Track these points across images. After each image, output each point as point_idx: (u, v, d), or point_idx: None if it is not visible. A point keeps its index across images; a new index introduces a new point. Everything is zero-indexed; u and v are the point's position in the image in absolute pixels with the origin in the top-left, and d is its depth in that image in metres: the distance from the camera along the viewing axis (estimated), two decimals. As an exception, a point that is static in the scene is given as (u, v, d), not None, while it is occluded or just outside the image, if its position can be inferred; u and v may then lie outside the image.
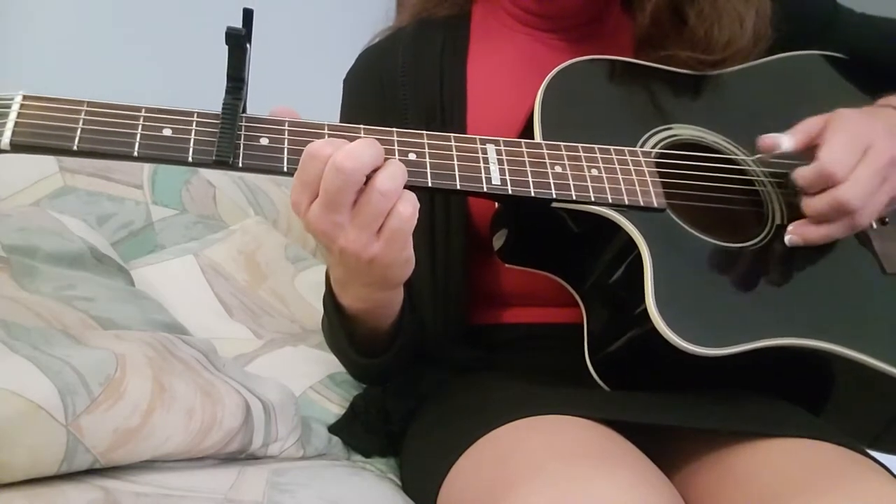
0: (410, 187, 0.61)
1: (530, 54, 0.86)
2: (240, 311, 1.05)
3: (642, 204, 0.69)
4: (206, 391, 0.71)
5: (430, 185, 0.63)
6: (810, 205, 0.71)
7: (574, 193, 0.67)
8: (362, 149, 0.58)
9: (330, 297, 0.75)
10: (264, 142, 0.60)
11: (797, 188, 0.72)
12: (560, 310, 0.81)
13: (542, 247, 0.77)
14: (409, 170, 0.61)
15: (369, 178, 0.59)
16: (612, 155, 0.70)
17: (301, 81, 1.32)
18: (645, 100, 0.79)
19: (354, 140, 0.59)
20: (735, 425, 0.67)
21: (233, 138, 0.58)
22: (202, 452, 0.70)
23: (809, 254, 0.73)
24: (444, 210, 0.82)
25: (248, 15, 0.59)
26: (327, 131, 0.62)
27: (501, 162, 0.66)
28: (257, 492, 0.66)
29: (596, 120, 0.76)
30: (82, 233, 0.98)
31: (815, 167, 0.70)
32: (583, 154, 0.69)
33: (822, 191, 0.70)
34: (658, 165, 0.72)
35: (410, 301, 0.76)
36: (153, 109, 0.58)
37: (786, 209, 0.76)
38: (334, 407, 0.88)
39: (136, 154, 0.57)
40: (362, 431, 0.84)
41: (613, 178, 0.69)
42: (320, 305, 0.87)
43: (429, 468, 0.70)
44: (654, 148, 0.74)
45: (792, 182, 0.72)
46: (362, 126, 0.63)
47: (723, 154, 0.78)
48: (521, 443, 0.62)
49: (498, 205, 0.77)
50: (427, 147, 0.64)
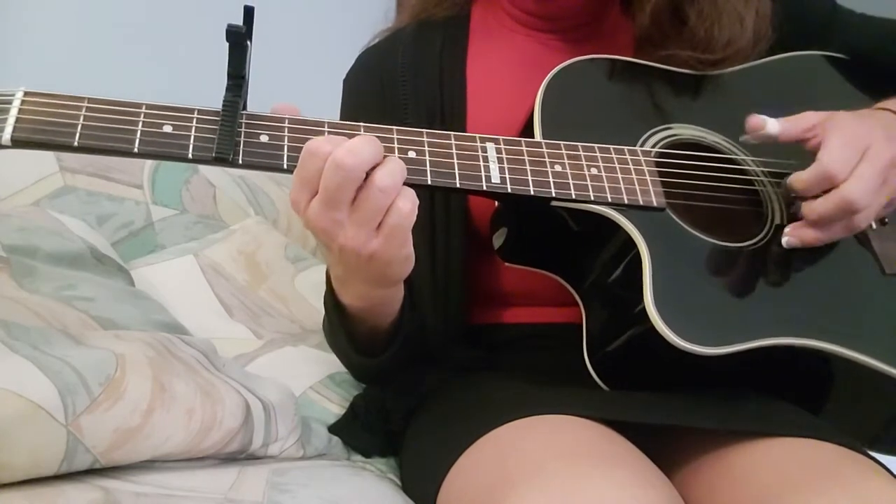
0: (410, 185, 0.61)
1: (530, 55, 0.86)
2: (240, 311, 1.05)
3: (642, 203, 0.69)
4: (206, 391, 0.71)
5: (430, 183, 0.63)
6: (814, 208, 0.70)
7: (573, 192, 0.67)
8: (362, 145, 0.58)
9: (330, 295, 0.75)
10: (264, 139, 0.60)
11: (794, 193, 0.71)
12: (560, 309, 0.81)
13: (542, 246, 0.77)
14: (408, 168, 0.61)
15: (368, 175, 0.59)
16: (611, 154, 0.70)
17: (301, 82, 1.32)
18: (645, 99, 0.79)
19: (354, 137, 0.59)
20: (734, 425, 0.67)
21: (233, 135, 0.58)
22: (202, 452, 0.70)
23: (809, 254, 0.73)
24: (444, 209, 0.82)
25: (249, 13, 0.59)
26: (327, 129, 0.62)
27: (501, 160, 0.66)
28: (257, 492, 0.67)
29: (596, 119, 0.76)
30: (82, 233, 0.98)
31: (814, 169, 0.69)
32: (582, 153, 0.69)
33: (822, 193, 0.69)
34: (658, 165, 0.72)
35: (411, 300, 0.77)
36: (154, 106, 0.58)
37: (785, 209, 0.76)
38: (334, 407, 0.88)
39: (136, 150, 0.57)
40: (362, 431, 0.84)
41: (613, 177, 0.69)
42: (320, 305, 0.87)
43: (429, 468, 0.70)
44: (653, 147, 0.75)
45: (788, 188, 0.71)
46: (362, 124, 0.63)
47: (723, 154, 0.78)
48: (520, 442, 0.62)
49: (498, 203, 0.77)
50: (427, 145, 0.64)
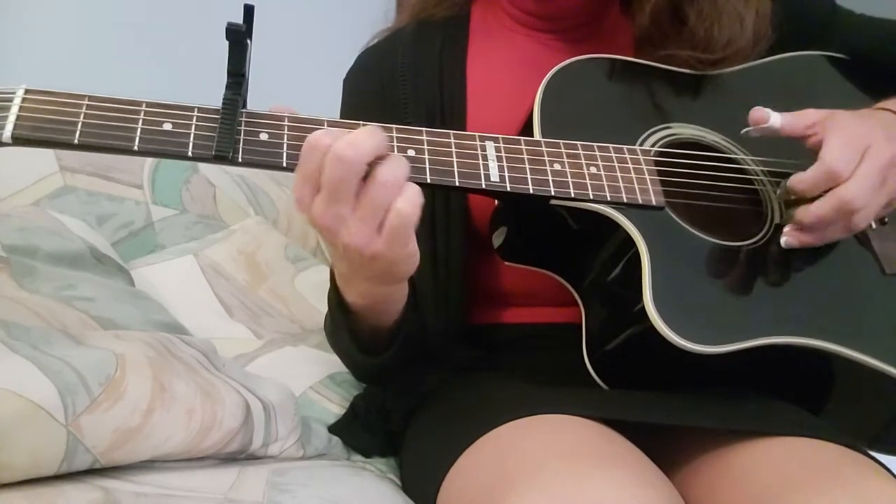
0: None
1: (529, 55, 0.86)
2: (240, 311, 1.05)
3: (641, 202, 0.69)
4: (206, 391, 0.71)
5: (429, 181, 0.63)
6: (811, 211, 0.70)
7: (572, 191, 0.67)
8: (363, 137, 0.58)
9: (334, 293, 0.74)
10: (264, 137, 0.60)
11: (796, 194, 0.71)
12: (560, 309, 0.81)
13: (542, 244, 0.77)
14: None
15: (371, 170, 0.58)
16: (611, 153, 0.70)
17: (301, 81, 1.33)
18: (644, 99, 0.79)
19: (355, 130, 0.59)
20: (734, 424, 0.67)
21: (233, 133, 0.58)
22: (202, 452, 0.70)
23: (809, 253, 0.73)
24: (444, 208, 0.82)
25: (249, 11, 0.59)
26: (327, 127, 0.62)
27: (500, 159, 0.66)
28: (257, 492, 0.67)
29: (595, 118, 0.76)
30: (82, 233, 0.98)
31: (816, 169, 0.69)
32: (582, 152, 0.69)
33: (823, 194, 0.69)
34: (657, 164, 0.72)
35: (414, 299, 0.76)
36: (154, 104, 0.58)
37: (785, 209, 0.76)
38: (334, 407, 0.88)
39: (136, 148, 0.57)
40: (362, 431, 0.84)
41: (612, 176, 0.69)
42: (320, 305, 0.87)
43: (429, 468, 0.70)
44: (653, 147, 0.75)
45: (789, 190, 0.71)
46: (362, 122, 0.63)
47: (722, 153, 0.78)
48: (521, 442, 0.62)
49: (497, 202, 0.77)
50: (426, 144, 0.64)
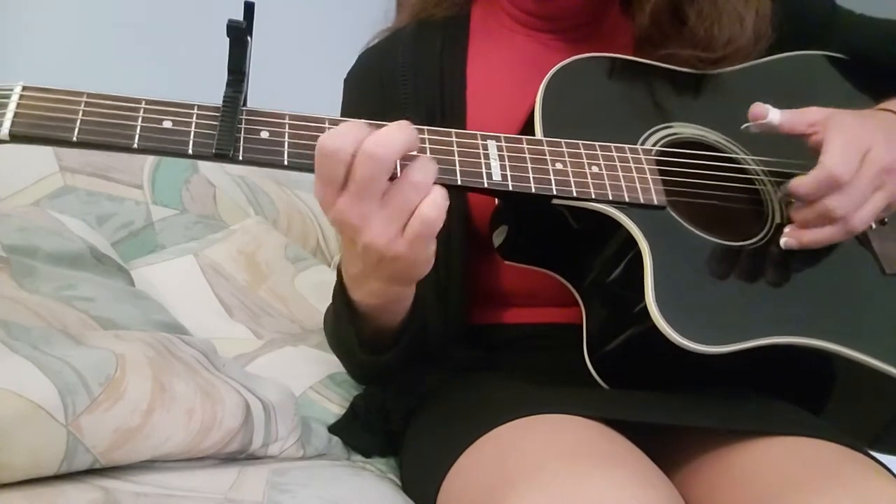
0: None
1: (530, 55, 0.86)
2: (240, 311, 1.05)
3: (643, 201, 0.69)
4: (206, 391, 0.71)
5: None
6: (800, 214, 0.71)
7: (575, 190, 0.66)
8: (394, 133, 0.57)
9: (341, 291, 0.74)
10: (265, 135, 0.60)
11: (796, 198, 0.71)
12: (560, 310, 0.81)
13: (542, 244, 0.76)
14: None
15: (400, 170, 0.58)
16: (612, 152, 0.70)
17: (301, 81, 1.33)
18: (645, 98, 0.79)
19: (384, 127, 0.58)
20: (735, 424, 0.67)
21: (233, 131, 0.58)
22: (202, 452, 0.70)
23: (809, 253, 0.73)
24: None
25: (250, 8, 0.58)
26: (328, 126, 0.61)
27: (502, 158, 0.65)
28: (257, 492, 0.66)
29: (597, 117, 0.76)
30: (82, 233, 0.98)
31: (817, 173, 0.69)
32: (584, 151, 0.68)
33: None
34: (659, 163, 0.72)
35: (418, 299, 0.76)
36: (153, 101, 0.58)
37: (786, 209, 0.76)
38: (334, 407, 0.88)
39: (135, 146, 0.56)
40: (362, 431, 0.84)
41: (614, 175, 0.68)
42: (320, 305, 0.86)
43: (429, 467, 0.70)
44: (654, 146, 0.74)
45: (791, 193, 0.71)
46: (367, 122, 0.62)
47: (723, 153, 0.78)
48: (521, 442, 0.62)
49: (498, 201, 0.77)
50: (428, 142, 0.63)
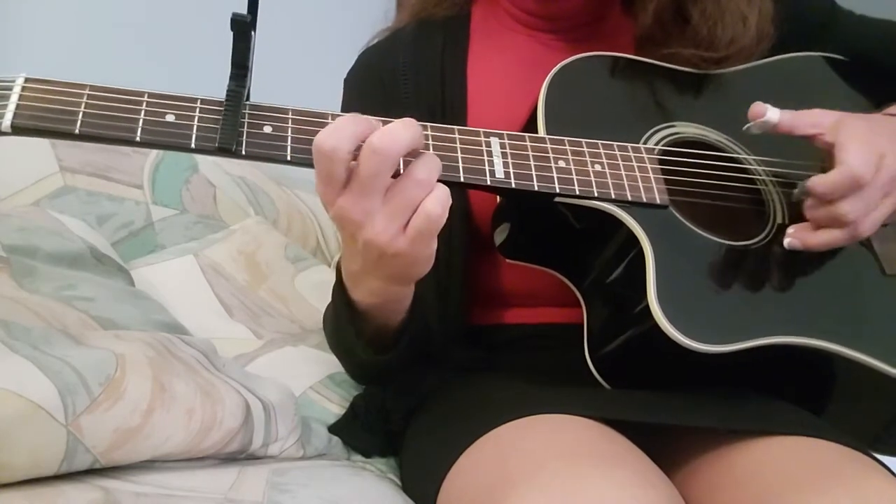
0: None
1: (531, 55, 0.86)
2: (240, 311, 1.05)
3: (645, 200, 0.68)
4: (206, 391, 0.71)
5: None
6: (813, 214, 0.70)
7: (577, 188, 0.66)
8: (399, 129, 0.57)
9: (340, 290, 0.73)
10: (268, 130, 0.59)
11: (815, 197, 0.69)
12: (560, 310, 0.81)
13: (544, 242, 0.76)
14: None
15: (404, 167, 0.58)
16: (615, 151, 0.69)
17: (301, 81, 1.32)
18: (648, 97, 0.79)
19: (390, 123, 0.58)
20: (735, 424, 0.67)
21: (236, 125, 0.58)
22: (202, 452, 0.70)
23: (811, 254, 0.73)
24: None
25: (254, 2, 0.58)
26: (331, 121, 0.61)
27: (505, 155, 0.65)
28: (257, 492, 0.66)
29: (599, 116, 0.76)
30: (82, 233, 0.98)
31: (839, 172, 0.67)
32: (586, 149, 0.68)
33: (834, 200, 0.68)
34: (661, 162, 0.72)
35: (418, 298, 0.76)
36: (156, 95, 0.58)
37: (787, 209, 0.76)
38: (334, 407, 0.88)
39: (138, 139, 0.56)
40: (362, 431, 0.83)
41: (616, 173, 0.68)
42: (320, 305, 0.86)
43: (429, 467, 0.70)
44: (657, 145, 0.74)
45: (809, 191, 0.69)
46: (374, 119, 0.62)
47: (725, 153, 0.78)
48: (521, 442, 0.62)
49: (500, 199, 0.77)
50: (431, 139, 0.63)
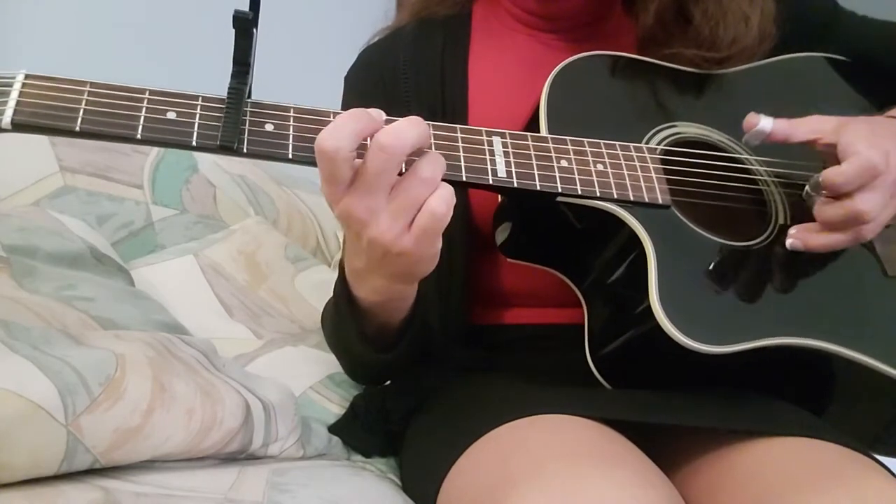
0: None
1: (531, 55, 0.86)
2: (240, 311, 1.05)
3: (647, 200, 0.68)
4: (206, 391, 0.71)
5: None
6: (826, 212, 0.69)
7: (579, 188, 0.66)
8: (406, 127, 0.56)
9: (343, 288, 0.73)
10: (269, 128, 0.59)
11: (832, 189, 0.68)
12: (561, 310, 0.81)
13: (546, 242, 0.76)
14: None
15: (410, 165, 0.57)
16: (617, 150, 0.69)
17: (301, 80, 1.32)
18: (649, 97, 0.79)
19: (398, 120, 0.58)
20: (735, 424, 0.67)
21: (237, 123, 0.57)
22: (202, 452, 0.70)
23: (812, 255, 0.73)
24: None
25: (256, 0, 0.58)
26: (333, 119, 0.61)
27: (507, 154, 0.65)
28: (257, 492, 0.66)
29: (601, 116, 0.76)
30: (82, 233, 0.98)
31: (855, 161, 0.66)
32: (588, 149, 0.68)
33: (840, 197, 0.68)
34: (663, 162, 0.71)
35: (420, 297, 0.76)
36: (157, 92, 0.57)
37: (789, 209, 0.76)
38: (334, 407, 0.88)
39: (139, 136, 0.56)
40: (362, 431, 0.83)
41: (619, 173, 0.68)
42: (320, 305, 0.86)
43: (429, 467, 0.70)
44: (658, 145, 0.74)
45: (823, 184, 0.68)
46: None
47: (727, 153, 0.77)
48: (521, 442, 0.62)
49: (501, 198, 0.77)
50: (433, 138, 0.63)
